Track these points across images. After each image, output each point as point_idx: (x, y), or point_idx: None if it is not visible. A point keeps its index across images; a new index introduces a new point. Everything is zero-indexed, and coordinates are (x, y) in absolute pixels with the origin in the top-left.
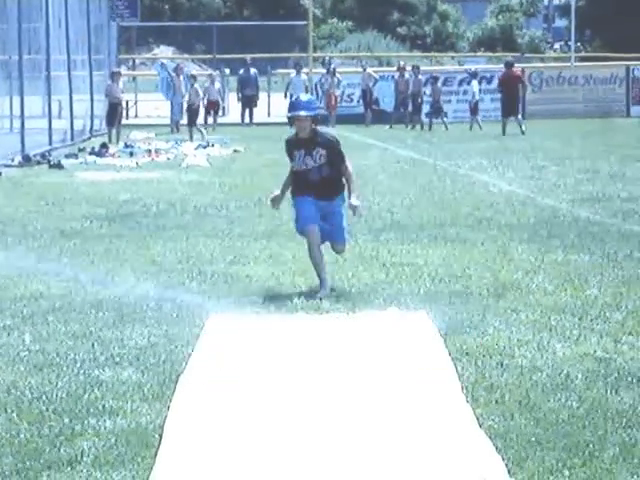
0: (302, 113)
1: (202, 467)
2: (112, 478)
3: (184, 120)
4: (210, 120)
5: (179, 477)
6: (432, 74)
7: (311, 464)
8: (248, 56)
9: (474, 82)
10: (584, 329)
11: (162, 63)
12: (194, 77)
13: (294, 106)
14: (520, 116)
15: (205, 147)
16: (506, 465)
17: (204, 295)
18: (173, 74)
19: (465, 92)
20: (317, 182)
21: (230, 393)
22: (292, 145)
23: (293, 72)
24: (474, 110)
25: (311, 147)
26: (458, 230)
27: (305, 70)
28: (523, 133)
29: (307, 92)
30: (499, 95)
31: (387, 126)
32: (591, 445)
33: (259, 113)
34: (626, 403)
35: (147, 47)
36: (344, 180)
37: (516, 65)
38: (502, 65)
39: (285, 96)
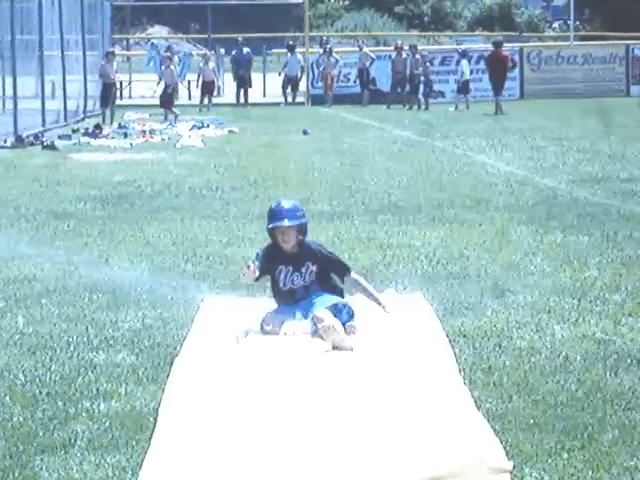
0: (285, 223)
1: (197, 450)
2: (106, 462)
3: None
4: (206, 101)
5: (174, 460)
6: (422, 52)
7: (306, 445)
8: (240, 36)
9: (464, 61)
10: (583, 310)
11: (152, 43)
12: (169, 58)
13: (275, 215)
14: (500, 97)
15: (200, 128)
16: (504, 447)
17: (199, 277)
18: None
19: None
20: (303, 300)
21: (225, 375)
22: (274, 258)
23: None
24: (464, 89)
25: (299, 263)
26: (456, 211)
27: (300, 50)
28: (500, 113)
29: (303, 72)
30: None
31: (384, 106)
32: (590, 427)
33: (254, 93)
34: (625, 385)
35: (141, 27)
36: (352, 292)
37: (516, 44)
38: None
39: (279, 74)
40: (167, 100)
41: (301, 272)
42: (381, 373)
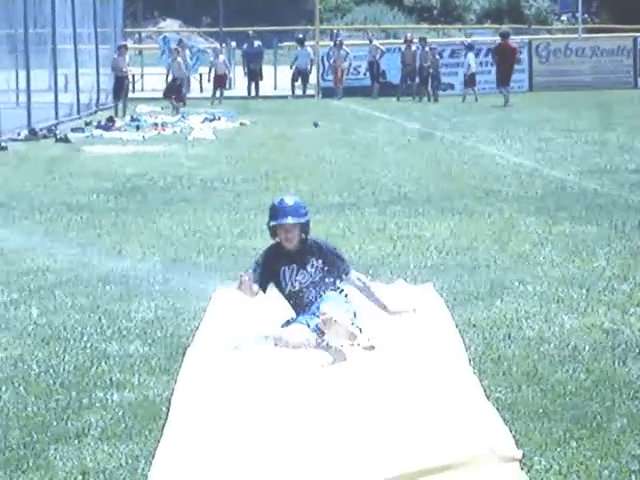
0: (289, 220)
1: (209, 439)
2: (119, 451)
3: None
4: (217, 94)
5: (187, 449)
6: (431, 45)
7: (316, 432)
8: (251, 29)
9: (470, 54)
10: (592, 301)
11: (165, 36)
12: (177, 50)
13: (278, 212)
14: (508, 88)
15: (211, 120)
16: (513, 436)
17: (211, 268)
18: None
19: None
20: (313, 300)
21: (237, 365)
22: (276, 259)
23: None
24: (470, 82)
25: (303, 260)
26: (465, 202)
27: (309, 43)
28: (506, 104)
29: (312, 65)
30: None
31: (394, 98)
32: (598, 416)
33: (265, 86)
34: (633, 374)
35: (153, 20)
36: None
37: (525, 37)
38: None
39: (290, 67)
40: (174, 92)
41: (306, 269)
42: (391, 363)
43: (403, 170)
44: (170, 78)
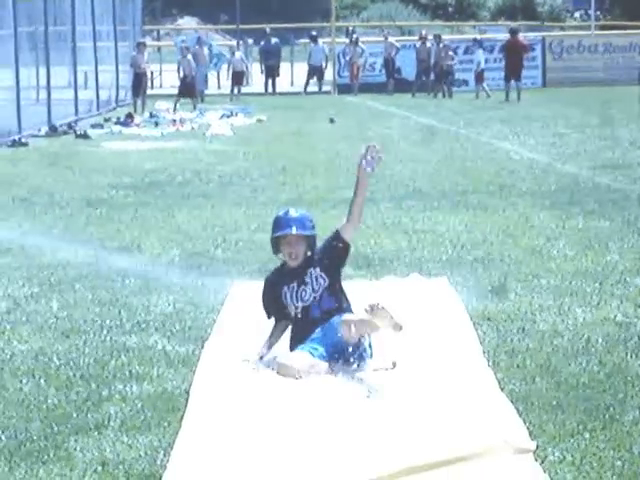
0: (293, 231)
1: (227, 430)
2: (139, 442)
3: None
4: (235, 90)
5: (205, 441)
6: (444, 42)
7: (332, 424)
8: (267, 26)
9: (479, 51)
10: (605, 294)
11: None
12: (187, 48)
13: (281, 223)
14: (520, 83)
15: (229, 117)
16: (527, 428)
17: (228, 262)
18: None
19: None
20: (318, 319)
21: (255, 358)
22: (277, 283)
23: (320, 42)
24: (479, 78)
25: (303, 273)
26: (479, 197)
27: (324, 40)
28: (519, 100)
29: (327, 61)
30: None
31: (409, 94)
32: (611, 408)
33: (282, 83)
34: None
35: (171, 18)
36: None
37: (538, 34)
38: (523, 34)
39: (307, 64)
40: (187, 89)
41: (306, 282)
42: (406, 356)
43: (418, 165)
44: (181, 75)
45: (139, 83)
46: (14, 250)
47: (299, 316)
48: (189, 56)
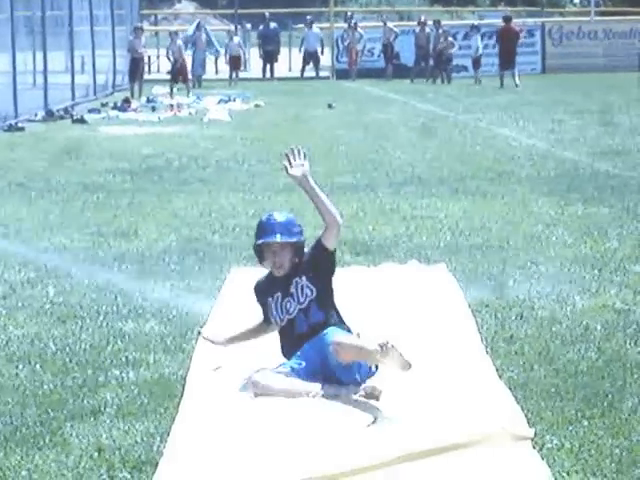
0: (277, 239)
1: (225, 416)
2: (135, 428)
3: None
4: (233, 75)
5: (202, 426)
6: (444, 27)
7: (329, 411)
8: (266, 11)
9: (477, 37)
10: (603, 281)
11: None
12: (176, 33)
13: (265, 229)
14: (516, 70)
15: (226, 102)
16: (526, 415)
17: (226, 248)
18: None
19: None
20: (305, 334)
21: (251, 344)
22: (263, 292)
23: (315, 27)
24: (476, 64)
25: (288, 283)
26: (478, 183)
27: (322, 25)
28: (517, 86)
29: (322, 47)
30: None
31: (407, 80)
32: (610, 396)
33: (280, 68)
34: None
35: (169, 2)
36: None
37: (538, 19)
38: (522, 19)
39: (299, 51)
40: (180, 74)
41: (291, 294)
42: (404, 342)
43: (416, 151)
44: (172, 60)
45: (136, 68)
46: (10, 235)
47: (285, 330)
48: (179, 41)
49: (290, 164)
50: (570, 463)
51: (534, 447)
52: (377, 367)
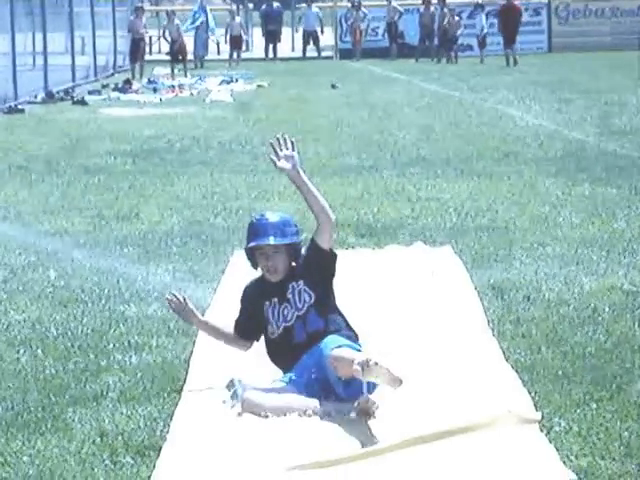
0: (270, 241)
1: (228, 400)
2: (138, 413)
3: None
4: (235, 56)
5: (205, 411)
6: (449, 6)
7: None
8: None
9: (482, 16)
10: (611, 262)
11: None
12: (173, 12)
13: (256, 230)
14: (515, 47)
15: (229, 82)
16: (533, 398)
17: (228, 231)
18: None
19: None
20: (303, 344)
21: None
22: (256, 295)
23: (314, 7)
24: (482, 43)
25: (285, 288)
26: (484, 164)
27: (325, 4)
28: (516, 64)
29: (322, 26)
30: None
31: (412, 60)
32: (618, 378)
33: (283, 48)
34: None
35: None
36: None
37: None
38: None
39: (297, 30)
40: (175, 54)
41: (289, 300)
42: (409, 325)
43: (422, 132)
44: (169, 40)
45: (137, 49)
46: (10, 218)
47: (281, 338)
48: (176, 20)
49: (277, 156)
50: (578, 446)
51: (541, 430)
52: None
